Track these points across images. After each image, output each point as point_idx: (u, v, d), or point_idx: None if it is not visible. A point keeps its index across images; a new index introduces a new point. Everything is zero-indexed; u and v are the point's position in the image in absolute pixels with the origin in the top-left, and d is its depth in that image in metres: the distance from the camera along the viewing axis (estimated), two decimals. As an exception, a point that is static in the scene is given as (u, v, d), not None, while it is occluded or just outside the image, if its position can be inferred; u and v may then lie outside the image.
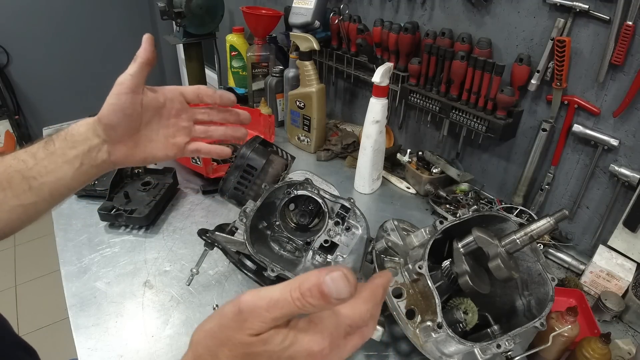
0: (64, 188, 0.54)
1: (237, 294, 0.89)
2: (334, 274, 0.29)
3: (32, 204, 0.53)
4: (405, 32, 1.18)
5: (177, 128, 0.61)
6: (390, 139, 1.45)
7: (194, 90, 0.62)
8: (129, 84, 0.54)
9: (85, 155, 0.54)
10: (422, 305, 0.70)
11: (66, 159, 0.53)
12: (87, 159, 0.54)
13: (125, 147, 0.57)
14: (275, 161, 1.01)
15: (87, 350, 0.75)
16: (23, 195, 0.52)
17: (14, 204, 0.52)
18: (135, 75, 0.55)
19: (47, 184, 0.53)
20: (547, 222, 0.66)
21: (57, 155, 0.53)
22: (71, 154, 0.54)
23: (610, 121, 0.92)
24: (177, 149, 0.61)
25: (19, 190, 0.52)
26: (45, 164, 0.53)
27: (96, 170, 0.56)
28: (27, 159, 0.52)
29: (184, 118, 0.62)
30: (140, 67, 0.55)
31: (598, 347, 0.69)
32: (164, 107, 0.60)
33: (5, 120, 3.05)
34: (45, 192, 0.53)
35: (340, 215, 0.82)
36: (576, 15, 0.89)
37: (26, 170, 0.52)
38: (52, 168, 0.53)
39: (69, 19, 3.19)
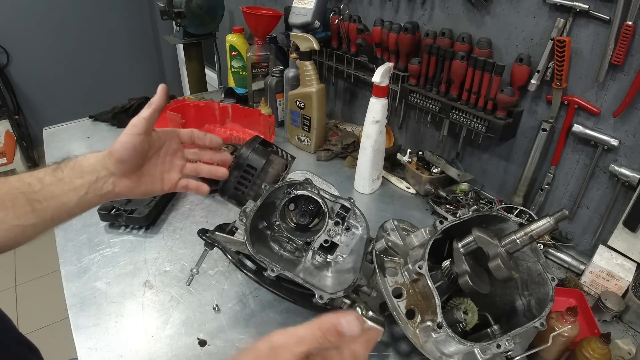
0: (65, 213, 0.57)
1: (237, 294, 0.89)
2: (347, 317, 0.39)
3: (32, 225, 0.55)
4: (405, 32, 1.18)
5: (172, 165, 0.69)
6: (390, 139, 1.45)
7: (187, 133, 0.70)
8: (143, 125, 0.60)
9: (91, 185, 0.58)
10: (422, 305, 0.70)
11: (73, 186, 0.57)
12: (92, 188, 0.59)
13: (130, 180, 0.62)
14: (275, 161, 1.01)
15: (87, 350, 0.75)
16: (24, 216, 0.54)
17: (14, 224, 0.53)
18: (148, 119, 0.60)
19: (50, 208, 0.56)
20: (547, 222, 0.66)
21: (64, 183, 0.57)
22: (78, 183, 0.57)
23: (610, 121, 0.92)
24: (170, 184, 0.68)
25: (21, 211, 0.54)
26: (52, 189, 0.56)
27: (99, 200, 0.60)
28: (34, 183, 0.55)
29: (178, 156, 0.69)
30: (153, 112, 0.61)
31: (598, 347, 0.69)
32: (163, 146, 0.67)
33: (5, 120, 3.05)
34: (47, 216, 0.56)
35: (340, 215, 0.82)
36: (576, 15, 0.89)
37: (31, 194, 0.54)
38: (57, 193, 0.56)
39: (69, 19, 3.19)
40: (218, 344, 0.78)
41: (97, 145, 1.44)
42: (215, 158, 0.74)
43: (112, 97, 2.12)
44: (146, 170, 0.65)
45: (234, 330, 0.81)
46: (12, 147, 3.13)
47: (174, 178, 0.68)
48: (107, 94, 3.36)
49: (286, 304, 0.86)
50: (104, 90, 3.47)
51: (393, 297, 0.71)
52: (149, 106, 0.61)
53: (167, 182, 0.68)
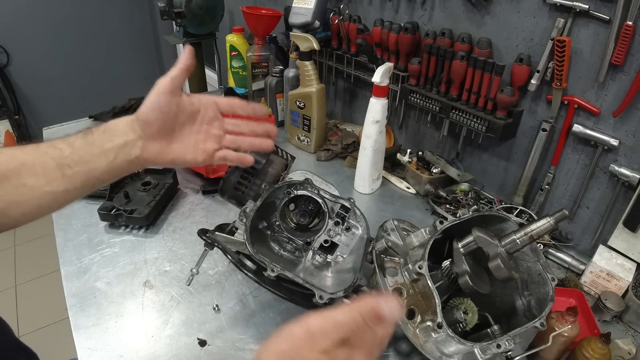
0: (95, 179, 0.56)
1: (237, 294, 0.89)
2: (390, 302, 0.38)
3: (63, 191, 0.54)
4: (405, 32, 1.18)
5: (208, 135, 0.64)
6: (390, 139, 1.45)
7: (227, 102, 0.65)
8: (168, 84, 0.58)
9: (120, 149, 0.57)
10: (422, 305, 0.70)
11: (102, 150, 0.56)
12: (121, 152, 0.57)
13: (159, 145, 0.60)
14: (275, 161, 1.01)
15: (87, 350, 0.75)
16: (55, 182, 0.53)
17: (46, 190, 0.53)
18: (174, 78, 0.58)
19: (80, 173, 0.55)
20: (547, 222, 0.66)
21: (94, 146, 0.55)
22: (107, 146, 0.56)
23: (610, 121, 0.92)
24: (206, 155, 0.63)
25: (52, 177, 0.53)
26: (82, 153, 0.55)
27: (127, 166, 0.58)
28: (64, 147, 0.54)
29: (215, 126, 0.64)
30: (180, 71, 0.59)
31: (598, 347, 0.69)
32: (198, 113, 0.63)
33: (5, 120, 3.05)
34: (77, 181, 0.55)
35: (340, 215, 0.82)
36: (576, 15, 0.89)
37: (61, 158, 0.54)
38: (87, 158, 0.55)
39: (69, 19, 3.19)
40: (218, 344, 0.78)
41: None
42: (257, 130, 0.67)
43: (112, 97, 2.11)
44: (178, 137, 0.61)
45: (234, 330, 0.81)
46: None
47: (209, 148, 0.63)
48: (107, 94, 3.35)
49: (286, 304, 0.86)
50: (104, 90, 3.47)
51: (393, 297, 0.71)
52: (175, 65, 0.59)
53: (201, 152, 0.63)
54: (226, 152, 0.65)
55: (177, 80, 0.59)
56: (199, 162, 0.63)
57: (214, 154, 0.64)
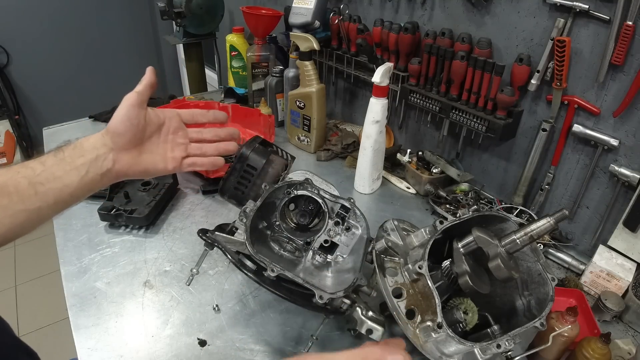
0: (68, 196, 0.58)
1: (237, 294, 0.89)
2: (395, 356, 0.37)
3: (36, 209, 0.55)
4: (405, 32, 1.18)
5: (174, 144, 0.68)
6: (390, 139, 1.45)
7: (188, 112, 0.70)
8: (136, 98, 0.62)
9: (92, 163, 0.59)
10: (422, 305, 0.70)
11: (74, 166, 0.58)
12: (93, 167, 0.59)
13: (129, 156, 0.63)
14: (275, 161, 1.01)
15: (87, 350, 0.75)
16: (28, 200, 0.54)
17: (18, 209, 0.54)
18: (141, 92, 0.63)
19: (53, 190, 0.56)
20: (547, 222, 0.66)
21: (65, 163, 0.57)
22: (79, 162, 0.58)
23: (610, 121, 0.92)
24: (175, 163, 0.68)
25: (25, 195, 0.54)
26: (53, 170, 0.56)
27: (100, 179, 0.61)
28: (36, 166, 0.56)
29: (180, 135, 0.69)
30: (144, 87, 0.64)
31: (598, 347, 0.69)
32: (164, 125, 0.67)
33: (5, 120, 3.05)
34: (50, 198, 0.56)
35: (340, 215, 0.82)
36: (576, 15, 0.89)
37: (34, 177, 0.55)
38: (59, 175, 0.56)
39: (69, 19, 3.19)
40: (218, 344, 0.78)
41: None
42: (220, 134, 0.72)
43: (112, 97, 2.10)
44: (147, 148, 0.65)
45: (234, 330, 0.81)
46: (12, 147, 3.13)
47: (177, 156, 0.68)
48: (107, 94, 3.35)
49: (286, 304, 0.86)
50: (104, 90, 3.47)
51: (393, 297, 0.71)
52: (140, 82, 0.64)
53: (170, 160, 0.67)
54: (194, 159, 0.70)
55: (143, 94, 0.63)
56: (169, 170, 0.68)
57: (182, 161, 0.69)
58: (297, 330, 0.82)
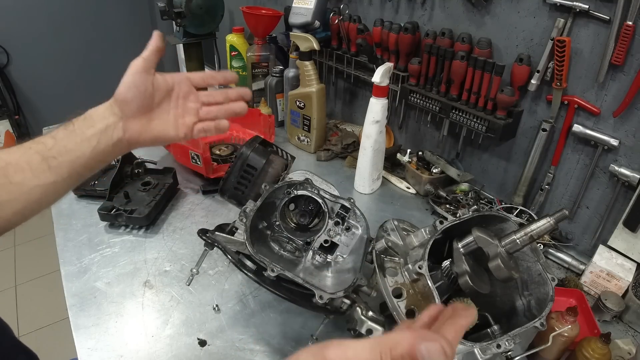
0: (81, 167, 0.58)
1: (237, 294, 0.89)
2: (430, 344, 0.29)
3: (51, 183, 0.55)
4: (405, 32, 1.18)
5: (185, 109, 0.66)
6: (390, 139, 1.45)
7: (199, 75, 0.68)
8: (141, 64, 0.60)
9: (102, 133, 0.58)
10: (422, 305, 0.70)
11: (84, 137, 0.57)
12: (104, 137, 0.58)
13: (139, 123, 0.61)
14: (275, 161, 1.01)
15: (87, 350, 0.75)
16: (42, 175, 0.54)
17: (33, 184, 0.54)
18: (147, 58, 0.61)
19: (66, 163, 0.56)
20: (547, 222, 0.66)
21: (76, 135, 0.57)
22: (89, 133, 0.58)
23: (610, 121, 0.92)
24: (186, 129, 0.66)
25: (39, 170, 0.54)
26: (65, 143, 0.56)
27: (112, 149, 0.60)
28: (47, 141, 0.56)
29: (191, 99, 0.67)
30: (151, 52, 0.61)
31: (598, 347, 0.69)
32: (173, 90, 0.65)
33: (5, 120, 3.05)
34: (64, 172, 0.56)
35: (340, 215, 0.82)
36: (576, 15, 0.89)
37: (46, 151, 0.55)
38: (71, 147, 0.56)
39: (69, 19, 3.19)
40: (218, 344, 0.78)
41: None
42: (231, 95, 0.70)
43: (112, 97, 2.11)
44: (157, 115, 0.64)
45: (234, 330, 0.81)
46: (12, 147, 3.13)
47: (189, 122, 0.66)
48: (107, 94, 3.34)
49: (286, 304, 0.86)
50: (104, 90, 3.43)
51: (393, 297, 0.71)
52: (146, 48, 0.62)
53: (182, 126, 0.65)
54: (205, 124, 0.67)
55: (150, 60, 0.61)
56: (181, 137, 0.66)
57: (193, 127, 0.66)
58: (297, 330, 0.82)
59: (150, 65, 0.61)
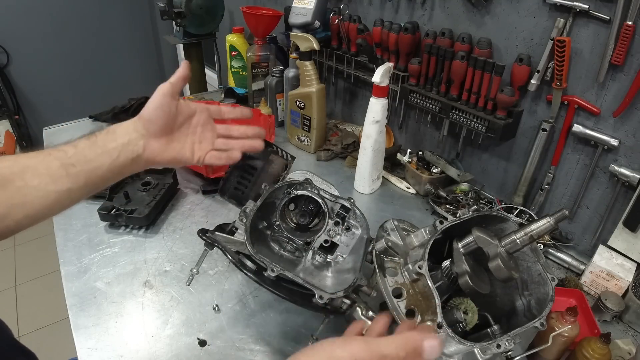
0: (98, 178, 0.59)
1: (237, 294, 0.89)
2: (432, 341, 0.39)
3: (66, 190, 0.56)
4: (405, 32, 1.18)
5: (202, 137, 0.71)
6: (390, 139, 1.45)
7: (217, 108, 0.73)
8: (169, 88, 0.65)
9: (123, 147, 0.61)
10: (422, 305, 0.70)
11: (105, 149, 0.60)
12: (124, 151, 0.61)
13: (159, 143, 0.65)
14: (275, 161, 1.01)
15: (87, 350, 0.75)
16: (59, 181, 0.56)
17: (49, 190, 0.55)
18: (174, 83, 0.65)
19: (84, 172, 0.57)
20: (547, 222, 0.66)
21: (97, 146, 0.59)
22: (111, 146, 0.60)
23: (610, 121, 0.92)
24: (200, 154, 0.70)
25: (56, 176, 0.55)
26: (86, 152, 0.58)
27: (130, 164, 0.62)
28: (68, 149, 0.58)
29: (208, 129, 0.72)
30: (178, 79, 0.66)
31: (598, 347, 0.69)
32: (194, 117, 0.70)
33: (5, 120, 3.05)
34: (81, 180, 0.57)
35: (340, 215, 0.82)
36: (576, 15, 0.89)
37: (65, 158, 0.56)
38: (91, 157, 0.58)
39: (69, 19, 3.19)
40: (218, 344, 0.78)
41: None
42: (248, 132, 0.74)
43: (112, 97, 2.11)
44: (176, 137, 0.67)
45: (234, 330, 0.81)
46: (12, 147, 3.13)
47: (204, 148, 0.70)
48: (107, 94, 3.35)
49: (286, 304, 0.86)
50: (104, 90, 3.47)
51: (393, 297, 0.71)
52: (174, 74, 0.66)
53: (197, 151, 0.69)
54: (218, 153, 0.72)
55: (177, 86, 0.66)
56: (195, 161, 0.70)
57: (207, 154, 0.71)
58: (297, 330, 0.82)
59: (176, 90, 0.66)
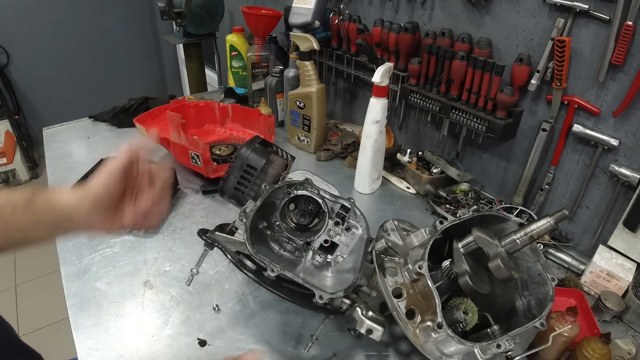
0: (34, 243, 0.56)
1: (237, 294, 0.89)
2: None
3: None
4: (405, 32, 1.18)
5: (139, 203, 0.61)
6: (390, 139, 1.45)
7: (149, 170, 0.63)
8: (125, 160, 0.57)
9: (63, 221, 0.56)
10: (422, 305, 0.70)
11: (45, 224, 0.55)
12: (64, 223, 0.56)
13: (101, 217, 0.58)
14: (275, 161, 1.01)
15: (87, 350, 0.75)
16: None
17: None
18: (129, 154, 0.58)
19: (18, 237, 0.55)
20: (547, 222, 0.66)
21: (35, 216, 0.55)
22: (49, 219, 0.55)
23: (610, 121, 0.92)
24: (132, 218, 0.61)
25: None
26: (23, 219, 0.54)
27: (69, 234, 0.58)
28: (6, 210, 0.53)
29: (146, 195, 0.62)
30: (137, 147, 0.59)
31: (598, 347, 0.69)
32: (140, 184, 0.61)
33: (5, 120, 3.04)
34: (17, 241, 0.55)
35: (340, 215, 0.82)
36: (576, 15, 0.89)
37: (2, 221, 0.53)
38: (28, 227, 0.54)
39: (69, 19, 3.19)
40: (218, 344, 0.78)
41: (97, 145, 1.44)
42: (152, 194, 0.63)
43: (112, 97, 2.12)
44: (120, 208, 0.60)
45: (234, 330, 0.81)
46: (12, 147, 3.13)
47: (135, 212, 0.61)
48: (107, 94, 3.35)
49: (286, 304, 0.86)
50: (104, 90, 3.47)
51: (393, 297, 0.71)
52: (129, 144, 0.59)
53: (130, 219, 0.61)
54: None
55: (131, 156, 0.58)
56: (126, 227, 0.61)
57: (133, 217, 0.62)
58: (297, 330, 0.82)
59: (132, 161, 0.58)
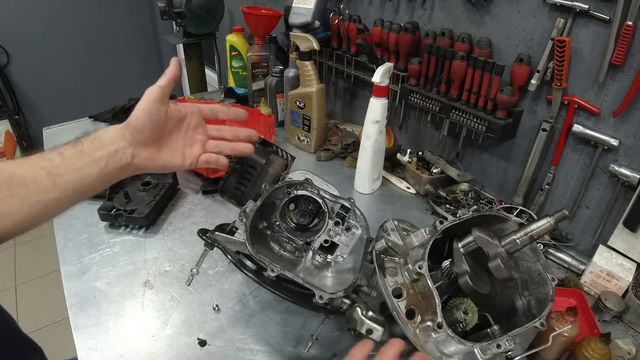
0: (86, 187, 0.58)
1: (237, 294, 0.89)
2: None
3: (54, 200, 0.55)
4: (405, 32, 1.18)
5: (193, 140, 0.68)
6: (390, 139, 1.45)
7: (210, 108, 0.70)
8: (158, 93, 0.60)
9: (111, 156, 0.58)
10: (422, 305, 0.70)
11: (93, 158, 0.57)
12: (112, 160, 0.58)
13: (148, 151, 0.62)
14: (275, 161, 1.01)
15: (87, 350, 0.75)
16: (46, 191, 0.54)
17: (36, 200, 0.53)
18: (163, 87, 0.61)
19: (71, 181, 0.56)
20: (547, 222, 0.66)
21: (84, 155, 0.57)
22: (98, 154, 0.57)
23: (610, 121, 0.92)
24: (192, 159, 0.67)
25: (43, 186, 0.54)
26: (72, 161, 0.56)
27: (119, 173, 0.60)
28: (54, 157, 0.55)
29: (200, 132, 0.68)
30: (167, 82, 0.62)
31: (598, 347, 0.69)
32: (184, 120, 0.66)
33: (5, 120, 3.05)
34: (69, 190, 0.56)
35: (340, 215, 0.82)
36: (576, 15, 0.89)
37: (52, 168, 0.55)
38: (78, 166, 0.56)
39: (69, 19, 3.19)
40: (218, 344, 0.78)
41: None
42: (240, 135, 0.72)
43: (112, 97, 2.11)
44: (166, 143, 0.64)
45: (234, 330, 0.81)
46: (12, 147, 3.13)
47: (195, 153, 0.67)
48: (107, 94, 3.35)
49: (286, 304, 0.86)
50: (104, 90, 3.47)
51: (393, 297, 0.71)
52: (164, 76, 0.62)
53: (188, 156, 0.67)
54: (209, 156, 0.69)
55: (166, 89, 0.61)
56: (186, 166, 0.67)
57: (199, 157, 0.68)
58: (297, 330, 0.82)
59: (165, 94, 0.62)
